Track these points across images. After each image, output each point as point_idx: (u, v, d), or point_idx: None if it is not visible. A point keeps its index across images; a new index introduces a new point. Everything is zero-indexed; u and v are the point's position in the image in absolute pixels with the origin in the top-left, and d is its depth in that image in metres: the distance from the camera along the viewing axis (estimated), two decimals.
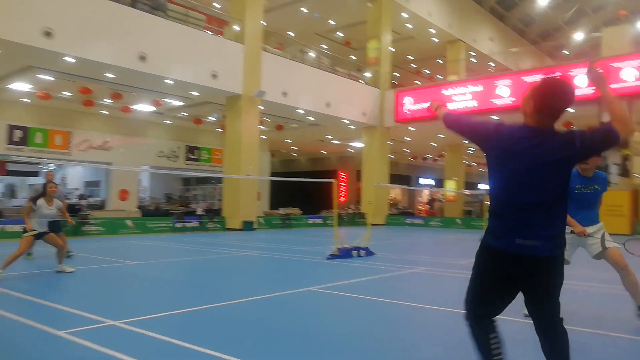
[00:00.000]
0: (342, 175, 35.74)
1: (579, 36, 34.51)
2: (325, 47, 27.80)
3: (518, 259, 2.40)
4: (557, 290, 2.50)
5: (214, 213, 19.62)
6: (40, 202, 7.39)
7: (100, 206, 22.81)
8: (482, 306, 2.56)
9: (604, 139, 2.36)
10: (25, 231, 7.30)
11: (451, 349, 3.96)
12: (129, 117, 22.20)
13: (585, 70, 2.67)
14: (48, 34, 12.60)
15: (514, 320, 4.48)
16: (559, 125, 2.53)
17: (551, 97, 2.44)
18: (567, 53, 37.51)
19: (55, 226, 7.98)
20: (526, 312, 2.66)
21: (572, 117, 22.06)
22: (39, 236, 7.34)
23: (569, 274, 5.31)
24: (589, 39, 33.84)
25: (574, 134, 2.38)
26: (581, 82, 18.96)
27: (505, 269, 2.45)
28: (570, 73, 19.17)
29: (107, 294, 6.16)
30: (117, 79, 15.90)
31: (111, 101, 18.82)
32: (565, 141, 2.37)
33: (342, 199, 34.14)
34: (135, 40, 14.62)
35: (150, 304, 5.49)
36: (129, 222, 16.48)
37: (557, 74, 2.86)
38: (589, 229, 4.58)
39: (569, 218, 4.60)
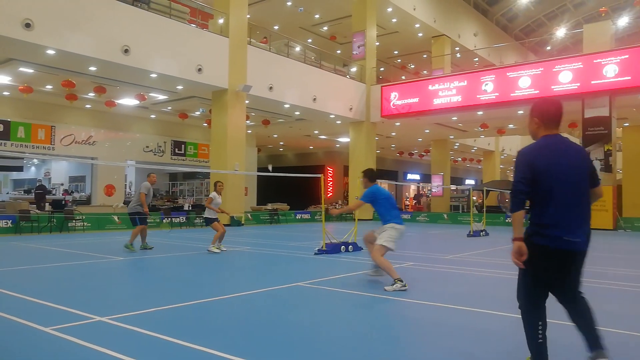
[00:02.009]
0: (330, 170, 35.79)
1: (561, 32, 34.94)
2: (310, 41, 27.74)
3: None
4: None
5: (201, 208, 19.51)
6: (214, 194, 10.27)
7: (86, 201, 22.55)
8: None
9: None
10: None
11: (436, 342, 4.01)
12: (114, 112, 21.91)
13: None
14: (28, 25, 12.37)
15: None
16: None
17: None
18: (549, 49, 38.00)
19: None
20: None
21: None
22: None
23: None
24: (570, 35, 34.29)
25: None
26: (565, 78, 19.26)
27: None
28: (553, 69, 19.45)
29: (94, 290, 6.11)
30: (101, 72, 15.68)
31: (95, 95, 18.56)
32: None
33: (330, 194, 34.21)
34: (118, 33, 14.42)
35: (138, 300, 5.46)
36: (115, 218, 16.33)
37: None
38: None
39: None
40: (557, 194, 2.90)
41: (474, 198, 28.11)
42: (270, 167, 17.66)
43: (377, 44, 25.59)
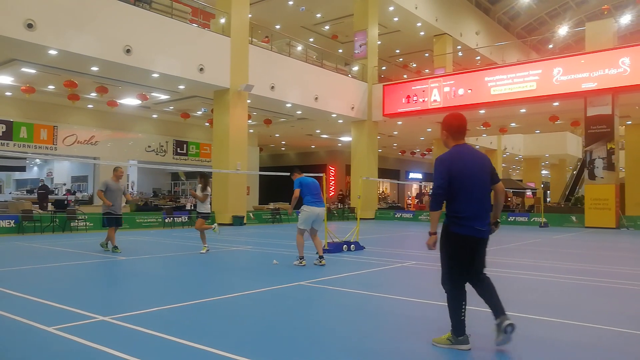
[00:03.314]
0: (332, 169, 35.76)
1: (563, 30, 34.84)
2: (312, 40, 27.73)
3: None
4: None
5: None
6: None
7: (88, 201, 22.59)
8: None
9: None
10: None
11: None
12: (116, 112, 21.96)
13: None
14: (30, 25, 12.39)
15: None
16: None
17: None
18: (551, 47, 37.91)
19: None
20: None
21: (557, 111, 22.36)
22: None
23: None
24: (573, 33, 34.20)
25: None
26: (566, 76, 19.19)
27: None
28: (555, 68, 19.39)
29: (96, 290, 6.12)
30: (103, 72, 15.70)
31: (97, 95, 18.60)
32: None
33: (332, 193, 34.20)
34: (120, 33, 14.43)
35: (141, 300, 5.46)
36: None
37: None
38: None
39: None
40: (467, 192, 3.59)
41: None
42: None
43: (379, 42, 25.56)
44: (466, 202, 3.58)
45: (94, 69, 15.22)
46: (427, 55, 30.92)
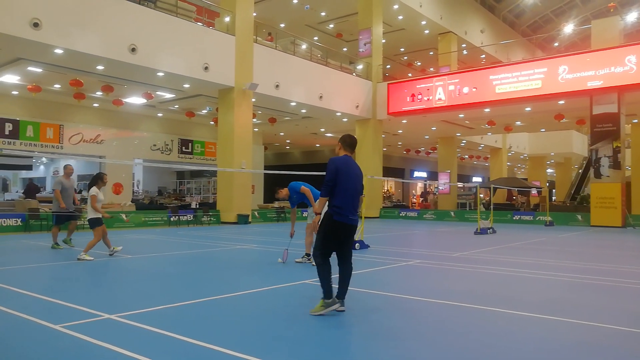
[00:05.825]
0: None
1: (569, 28, 34.65)
2: (316, 39, 27.71)
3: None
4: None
5: (208, 206, 19.58)
6: (96, 190, 8.59)
7: None
8: None
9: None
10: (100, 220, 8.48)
11: (441, 340, 4.01)
12: (121, 110, 22.04)
13: None
14: (36, 24, 12.46)
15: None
16: None
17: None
18: (557, 45, 37.71)
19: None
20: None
21: (563, 110, 22.27)
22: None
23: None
24: (578, 31, 34.01)
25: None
26: (572, 75, 19.08)
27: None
28: (560, 66, 19.29)
29: (102, 288, 6.15)
30: (108, 71, 15.76)
31: (102, 94, 18.68)
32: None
33: None
34: (125, 32, 14.49)
35: (147, 298, 5.49)
36: (123, 216, 16.42)
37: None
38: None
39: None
40: (346, 189, 4.68)
41: (481, 195, 27.98)
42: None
43: (383, 41, 25.51)
44: (343, 196, 4.67)
45: (100, 67, 15.28)
46: (431, 53, 30.85)
